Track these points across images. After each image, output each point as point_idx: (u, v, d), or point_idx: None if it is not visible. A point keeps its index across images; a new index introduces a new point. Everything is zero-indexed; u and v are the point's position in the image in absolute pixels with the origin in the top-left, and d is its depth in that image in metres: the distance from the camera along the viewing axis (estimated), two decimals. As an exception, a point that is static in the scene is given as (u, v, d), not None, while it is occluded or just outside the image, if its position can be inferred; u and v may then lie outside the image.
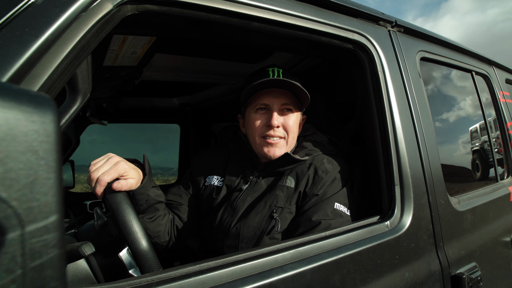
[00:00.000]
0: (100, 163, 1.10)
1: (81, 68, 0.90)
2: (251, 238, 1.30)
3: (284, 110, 1.38)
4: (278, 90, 1.36)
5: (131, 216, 1.04)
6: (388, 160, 1.27)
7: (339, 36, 1.26)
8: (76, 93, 0.91)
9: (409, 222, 1.21)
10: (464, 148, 1.91)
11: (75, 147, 2.86)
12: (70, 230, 1.38)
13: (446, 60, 1.72)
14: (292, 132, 1.39)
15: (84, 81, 0.92)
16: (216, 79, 2.37)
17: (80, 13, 0.75)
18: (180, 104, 3.06)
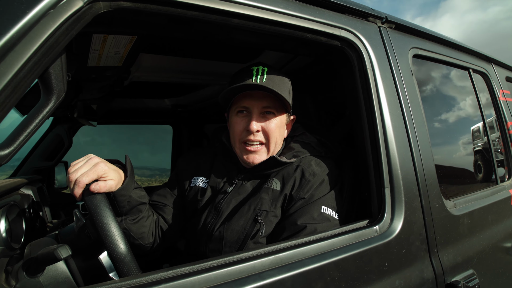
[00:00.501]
0: (79, 165, 1.08)
1: (55, 67, 0.86)
2: (234, 242, 1.25)
3: (265, 114, 1.32)
4: (258, 92, 1.30)
5: (109, 219, 1.01)
6: (377, 162, 1.21)
7: (325, 32, 1.21)
8: (50, 93, 0.87)
9: (400, 227, 1.15)
10: (464, 149, 1.84)
11: (68, 148, 2.85)
12: (54, 232, 1.34)
13: (441, 58, 1.66)
14: (273, 136, 1.32)
15: (58, 80, 0.88)
16: (207, 79, 2.34)
17: (48, 10, 0.72)
18: (172, 105, 3.04)
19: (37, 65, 0.72)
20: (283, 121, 1.37)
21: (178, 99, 2.96)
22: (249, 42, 1.26)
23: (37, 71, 0.73)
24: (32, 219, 1.50)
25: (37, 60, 0.71)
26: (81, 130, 3.21)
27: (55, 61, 0.85)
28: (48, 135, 2.82)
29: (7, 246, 1.28)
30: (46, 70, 0.84)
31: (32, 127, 0.83)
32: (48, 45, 0.72)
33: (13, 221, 1.38)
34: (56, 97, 0.88)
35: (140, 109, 3.06)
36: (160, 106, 3.05)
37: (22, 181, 1.67)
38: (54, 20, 0.72)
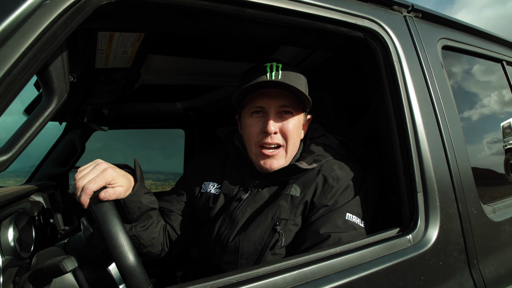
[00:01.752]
0: (86, 170, 1.01)
1: (55, 66, 0.80)
2: (251, 254, 1.16)
3: (282, 113, 1.22)
4: (275, 90, 1.20)
5: (117, 228, 0.94)
6: (408, 163, 1.10)
7: (347, 23, 1.11)
8: (51, 94, 0.82)
9: (435, 236, 1.03)
10: (495, 147, 1.69)
11: (81, 154, 2.83)
12: (63, 241, 1.29)
13: (472, 49, 1.53)
14: (292, 138, 1.22)
15: (60, 80, 0.82)
16: (219, 81, 2.25)
17: (44, 1, 0.66)
18: (184, 108, 2.97)
19: (33, 61, 0.65)
20: (301, 121, 1.27)
21: (190, 102, 2.89)
22: (265, 36, 1.17)
23: (34, 67, 0.66)
24: (42, 226, 1.44)
25: (33, 55, 0.65)
26: (95, 136, 3.20)
27: (55, 59, 0.78)
28: (62, 141, 2.80)
29: (16, 255, 1.23)
30: (46, 69, 0.77)
31: (33, 130, 0.77)
32: (44, 39, 0.66)
33: (22, 229, 1.32)
34: (58, 98, 0.82)
35: (151, 113, 3.01)
36: (172, 109, 2.99)
37: (32, 188, 1.62)
38: (51, 11, 0.66)
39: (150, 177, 5.44)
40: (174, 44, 1.70)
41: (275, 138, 1.20)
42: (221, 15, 0.94)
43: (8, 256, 1.21)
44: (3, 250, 1.19)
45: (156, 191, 4.85)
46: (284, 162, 1.22)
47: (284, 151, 1.23)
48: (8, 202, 1.31)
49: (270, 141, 1.19)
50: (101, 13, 0.81)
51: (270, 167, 1.21)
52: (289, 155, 1.24)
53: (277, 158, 1.21)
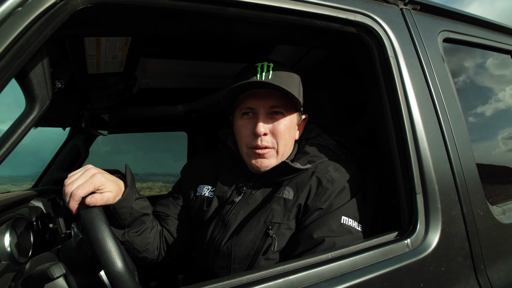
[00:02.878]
0: (75, 176, 1.00)
1: (35, 73, 0.79)
2: (244, 259, 1.12)
3: (273, 114, 1.18)
4: (265, 90, 1.16)
5: (104, 234, 0.93)
6: (406, 164, 1.04)
7: (338, 18, 1.06)
8: (33, 101, 0.81)
9: (436, 240, 0.97)
10: (504, 144, 1.60)
11: (85, 158, 2.87)
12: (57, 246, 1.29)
13: (476, 41, 1.45)
14: (283, 139, 1.18)
15: (41, 87, 0.81)
16: (218, 82, 2.23)
17: (16, 8, 0.64)
18: (185, 111, 2.96)
19: (6, 69, 0.63)
20: (294, 122, 1.23)
21: (191, 104, 2.88)
22: (253, 35, 1.13)
23: (8, 75, 0.65)
24: (40, 231, 1.45)
25: (5, 63, 0.63)
26: (104, 139, 3.23)
27: (35, 66, 0.77)
28: (66, 146, 2.84)
29: (12, 260, 1.24)
30: (26, 75, 0.76)
31: (15, 138, 0.76)
32: (17, 47, 0.64)
33: (20, 234, 1.34)
34: (39, 105, 0.81)
35: (153, 116, 3.01)
36: (174, 112, 2.98)
37: (31, 193, 1.64)
38: (23, 18, 0.64)
39: (160, 179, 5.47)
40: (170, 47, 1.68)
41: (265, 140, 1.16)
42: (204, 15, 0.91)
43: (5, 262, 1.22)
44: (0, 255, 1.20)
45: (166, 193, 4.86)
46: (276, 161, 1.19)
47: (275, 152, 1.19)
48: (4, 208, 1.32)
49: (260, 144, 1.15)
50: (80, 19, 0.79)
51: (261, 166, 1.17)
52: (280, 155, 1.20)
53: (268, 157, 1.18)
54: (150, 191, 5.38)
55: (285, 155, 1.22)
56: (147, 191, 6.89)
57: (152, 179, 5.35)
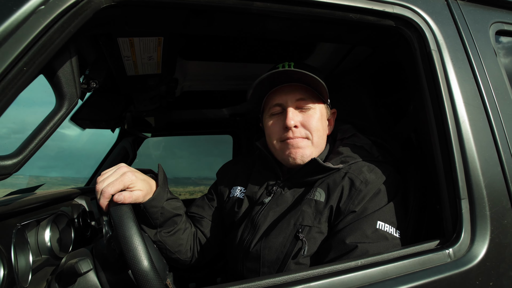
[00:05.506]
0: (107, 174, 1.03)
1: (64, 71, 0.83)
2: (273, 262, 1.09)
3: (302, 107, 1.15)
4: (290, 86, 1.14)
5: (132, 231, 0.94)
6: (450, 166, 0.95)
7: (373, 10, 1.00)
8: (61, 98, 0.85)
9: (484, 251, 0.87)
10: None
11: (133, 160, 2.98)
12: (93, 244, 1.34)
13: (536, 33, 1.30)
14: (316, 130, 1.14)
15: (69, 84, 0.85)
16: None
17: (38, 7, 0.68)
18: (230, 114, 2.98)
19: (28, 65, 0.67)
20: (324, 113, 1.19)
21: (236, 107, 2.90)
22: (283, 32, 1.11)
23: (30, 71, 0.68)
24: (81, 228, 1.52)
25: (28, 60, 0.66)
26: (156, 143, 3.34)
27: (63, 64, 0.81)
28: (115, 148, 2.99)
29: (52, 255, 1.31)
30: (54, 73, 0.80)
31: (43, 134, 0.79)
32: (40, 44, 0.67)
33: (62, 230, 1.41)
34: (68, 102, 0.84)
35: (198, 119, 3.07)
36: (218, 115, 3.02)
37: (74, 191, 1.73)
38: (45, 16, 0.67)
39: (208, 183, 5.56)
40: (209, 48, 1.71)
41: (297, 132, 1.13)
42: (229, 11, 0.91)
43: (45, 256, 1.28)
44: (40, 249, 1.26)
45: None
46: (310, 152, 1.15)
47: (310, 142, 1.15)
48: (46, 203, 1.40)
49: (292, 136, 1.13)
50: (105, 18, 0.82)
51: (296, 156, 1.14)
52: (315, 146, 1.16)
53: (304, 147, 1.14)
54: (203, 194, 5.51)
55: (320, 147, 1.19)
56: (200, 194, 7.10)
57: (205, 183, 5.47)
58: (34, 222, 1.28)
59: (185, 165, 6.27)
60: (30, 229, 1.26)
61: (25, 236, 1.17)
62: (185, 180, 7.22)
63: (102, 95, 1.78)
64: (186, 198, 3.39)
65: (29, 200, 1.30)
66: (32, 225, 1.27)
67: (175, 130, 3.19)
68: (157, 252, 1.17)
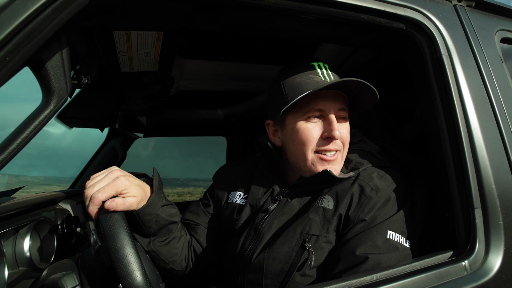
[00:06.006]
0: (98, 178, 0.95)
1: (53, 63, 0.74)
2: (277, 274, 1.03)
3: (340, 118, 1.09)
4: (333, 92, 1.07)
5: (124, 242, 0.86)
6: (462, 174, 0.92)
7: (385, 12, 0.97)
8: (49, 94, 0.76)
9: (499, 263, 0.85)
10: None
11: (122, 161, 2.87)
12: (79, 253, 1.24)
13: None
14: (347, 143, 1.10)
15: (59, 79, 0.76)
16: (260, 85, 2.16)
17: None
18: (225, 115, 2.92)
19: (12, 55, 0.59)
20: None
21: (231, 108, 2.83)
22: (292, 31, 1.06)
23: (14, 62, 0.60)
24: (66, 236, 1.41)
25: (12, 49, 0.58)
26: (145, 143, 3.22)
27: (52, 56, 0.73)
28: (104, 148, 2.87)
29: (31, 266, 1.19)
30: (42, 66, 0.72)
31: (28, 132, 0.71)
32: (27, 32, 0.59)
33: (44, 238, 1.29)
34: (56, 98, 0.76)
35: (192, 120, 2.98)
36: (213, 116, 2.94)
37: (58, 195, 1.60)
38: (33, 0, 0.59)
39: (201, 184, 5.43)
40: (208, 47, 1.64)
41: (336, 144, 1.07)
42: (238, 6, 0.85)
43: (23, 267, 1.17)
44: (18, 260, 1.15)
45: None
46: (339, 168, 1.10)
47: (341, 157, 1.10)
48: (27, 209, 1.29)
49: (333, 148, 1.06)
50: (103, 7, 0.75)
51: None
52: (343, 160, 1.12)
53: (336, 164, 1.08)
54: (191, 196, 5.37)
55: (344, 161, 1.14)
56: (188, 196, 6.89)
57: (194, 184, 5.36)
58: (11, 231, 1.17)
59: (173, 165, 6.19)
60: (6, 238, 1.15)
61: (0, 246, 1.07)
62: (173, 181, 7.09)
63: (92, 92, 1.68)
64: (175, 199, 3.30)
65: (7, 206, 1.19)
66: (9, 233, 1.16)
67: (167, 131, 3.10)
68: (150, 263, 1.09)
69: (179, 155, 4.48)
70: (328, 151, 1.07)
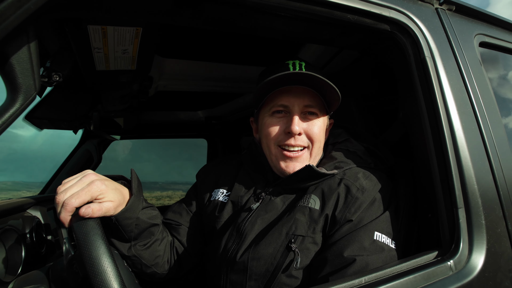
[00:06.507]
0: (71, 183, 0.88)
1: (19, 57, 0.68)
2: (262, 275, 1.00)
3: (307, 114, 1.09)
4: (299, 88, 1.07)
5: (99, 251, 0.80)
6: (446, 174, 0.93)
7: (371, 13, 0.97)
8: (15, 91, 0.69)
9: (482, 261, 0.86)
10: None
11: (97, 164, 2.75)
12: (49, 263, 1.16)
13: None
14: (318, 141, 1.09)
15: (26, 75, 0.70)
16: (241, 87, 2.13)
17: None
18: (205, 117, 2.86)
19: None
20: (325, 125, 1.14)
21: (212, 110, 2.78)
22: (277, 30, 1.04)
23: None
24: (35, 245, 1.32)
25: None
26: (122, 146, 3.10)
27: (18, 50, 0.66)
28: (78, 151, 2.74)
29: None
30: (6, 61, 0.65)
31: None
32: None
33: (10, 248, 1.20)
34: (23, 96, 0.69)
35: (171, 122, 2.90)
36: (193, 118, 2.88)
37: (26, 201, 1.49)
38: None
39: (181, 188, 5.31)
40: (189, 46, 1.60)
41: (299, 140, 1.06)
42: (222, 2, 0.82)
43: None
44: None
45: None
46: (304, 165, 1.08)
47: (309, 154, 1.09)
48: None
49: (293, 143, 1.06)
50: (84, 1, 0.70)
51: (293, 170, 1.07)
52: (313, 157, 1.10)
53: (301, 161, 1.07)
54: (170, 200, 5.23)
55: (317, 158, 1.13)
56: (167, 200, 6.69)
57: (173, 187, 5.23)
58: (-27, 241, 1.08)
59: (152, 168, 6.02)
60: (-33, 249, 1.07)
61: None
62: (151, 184, 6.91)
63: (64, 91, 1.58)
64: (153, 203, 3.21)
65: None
66: (-29, 244, 1.08)
67: (146, 133, 2.99)
68: (128, 271, 1.04)
69: (157, 157, 4.37)
70: (290, 146, 1.07)
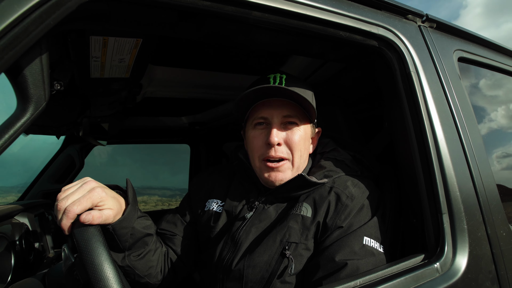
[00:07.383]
0: (71, 190, 0.89)
1: (31, 70, 0.70)
2: (257, 282, 1.03)
3: (287, 124, 1.13)
4: (278, 100, 1.12)
5: (102, 258, 0.82)
6: (431, 181, 0.99)
7: (361, 30, 1.03)
8: (26, 101, 0.70)
9: (465, 263, 0.92)
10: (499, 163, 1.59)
11: (79, 169, 2.71)
12: (44, 270, 1.15)
13: (488, 62, 1.45)
14: (298, 150, 1.13)
15: (37, 86, 0.71)
16: (226, 94, 2.17)
17: None
18: (189, 123, 2.87)
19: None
20: (308, 133, 1.18)
21: (196, 116, 2.80)
22: (272, 44, 1.09)
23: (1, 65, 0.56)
24: (24, 252, 1.30)
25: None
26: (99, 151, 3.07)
27: (32, 61, 0.68)
28: (59, 155, 2.69)
29: None
30: (20, 72, 0.67)
31: (2, 142, 0.65)
32: (12, 36, 0.55)
33: (0, 256, 1.18)
34: (33, 106, 0.71)
35: (155, 127, 2.91)
36: (177, 124, 2.88)
37: (15, 208, 1.47)
38: (21, 3, 0.56)
39: (156, 193, 5.27)
40: (178, 55, 1.62)
41: (279, 151, 1.10)
42: (226, 18, 0.87)
43: None
44: None
45: (163, 207, 4.62)
46: (291, 175, 1.13)
47: (290, 164, 1.13)
48: None
49: (274, 155, 1.10)
50: (89, 12, 0.72)
51: (275, 180, 1.11)
52: (296, 168, 1.14)
53: (282, 171, 1.11)
54: (145, 205, 5.19)
55: (301, 168, 1.17)
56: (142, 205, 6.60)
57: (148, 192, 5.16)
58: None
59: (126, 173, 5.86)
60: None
61: None
62: (127, 189, 6.76)
63: (54, 97, 1.58)
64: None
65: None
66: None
67: (129, 138, 2.99)
68: (125, 280, 1.05)
69: (133, 162, 4.33)
70: (271, 158, 1.11)
